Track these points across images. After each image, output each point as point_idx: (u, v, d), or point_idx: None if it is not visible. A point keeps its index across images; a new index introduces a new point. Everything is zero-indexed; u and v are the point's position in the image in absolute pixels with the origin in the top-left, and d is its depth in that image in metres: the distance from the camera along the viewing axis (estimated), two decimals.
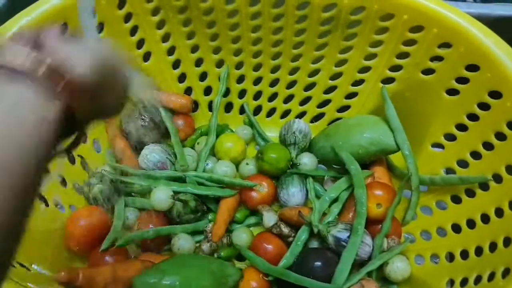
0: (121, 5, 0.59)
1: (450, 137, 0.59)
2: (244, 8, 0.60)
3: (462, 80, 0.55)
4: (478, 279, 0.45)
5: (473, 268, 0.47)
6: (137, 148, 0.66)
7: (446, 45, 0.55)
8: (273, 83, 0.71)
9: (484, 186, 0.53)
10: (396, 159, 0.65)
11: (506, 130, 0.50)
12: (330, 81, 0.68)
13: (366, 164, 0.65)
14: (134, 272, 0.51)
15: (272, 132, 0.72)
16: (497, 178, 0.51)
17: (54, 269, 0.49)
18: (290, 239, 0.59)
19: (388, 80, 0.64)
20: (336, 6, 0.58)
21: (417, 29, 0.56)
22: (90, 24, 0.30)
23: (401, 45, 0.59)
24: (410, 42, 0.58)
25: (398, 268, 0.55)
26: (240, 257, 0.60)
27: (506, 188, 0.49)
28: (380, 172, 0.64)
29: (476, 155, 0.55)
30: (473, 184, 0.54)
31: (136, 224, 0.60)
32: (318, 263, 0.55)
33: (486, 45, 0.51)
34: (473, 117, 0.55)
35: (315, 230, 0.56)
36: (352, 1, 0.57)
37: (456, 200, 0.57)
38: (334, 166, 0.67)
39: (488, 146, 0.53)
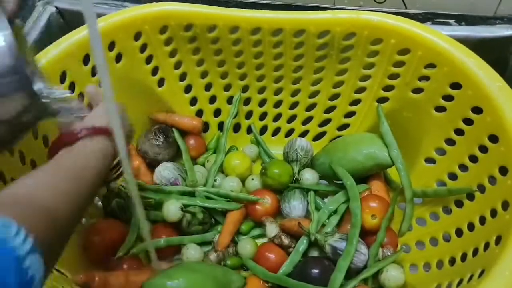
0: (137, 37, 0.66)
1: (441, 152, 0.62)
2: (246, 37, 0.66)
3: (448, 98, 0.59)
4: (460, 282, 0.47)
5: (458, 272, 0.50)
6: (152, 165, 0.72)
7: (431, 65, 0.59)
8: (277, 104, 0.76)
9: (471, 196, 0.56)
10: (393, 173, 0.68)
11: (487, 143, 0.53)
12: (329, 101, 0.73)
13: (364, 178, 0.69)
14: (144, 277, 0.56)
15: (277, 150, 0.77)
16: (481, 188, 0.54)
17: (74, 272, 0.55)
18: (291, 249, 0.63)
19: (382, 99, 0.68)
20: (330, 33, 0.63)
21: (404, 51, 0.61)
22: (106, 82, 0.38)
23: (391, 67, 0.64)
24: (399, 64, 0.63)
25: (392, 276, 0.58)
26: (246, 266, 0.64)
27: (488, 197, 0.52)
28: (377, 186, 0.68)
29: (463, 167, 0.58)
30: (461, 195, 0.57)
31: (149, 234, 0.65)
32: (315, 271, 0.58)
33: (467, 64, 0.55)
34: (459, 132, 0.59)
35: (312, 238, 0.60)
36: (344, 28, 0.62)
37: (447, 211, 0.60)
38: (335, 181, 0.71)
39: (473, 158, 0.56)
